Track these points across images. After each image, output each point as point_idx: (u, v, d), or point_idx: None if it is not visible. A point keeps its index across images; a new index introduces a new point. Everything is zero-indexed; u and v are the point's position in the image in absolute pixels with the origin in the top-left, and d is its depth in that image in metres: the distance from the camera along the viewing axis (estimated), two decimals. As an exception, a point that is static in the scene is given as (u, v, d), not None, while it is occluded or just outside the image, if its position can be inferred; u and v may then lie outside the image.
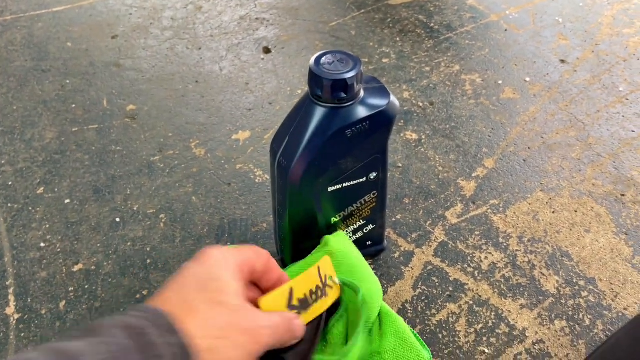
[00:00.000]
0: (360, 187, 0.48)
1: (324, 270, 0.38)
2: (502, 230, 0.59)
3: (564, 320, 0.51)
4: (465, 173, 0.65)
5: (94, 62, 0.82)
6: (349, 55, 0.42)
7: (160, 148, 0.69)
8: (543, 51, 0.83)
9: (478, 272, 0.55)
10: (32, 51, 0.85)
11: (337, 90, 0.40)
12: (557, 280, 0.54)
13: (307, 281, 0.37)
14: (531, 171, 0.65)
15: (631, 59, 0.81)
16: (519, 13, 0.92)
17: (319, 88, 0.40)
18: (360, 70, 0.41)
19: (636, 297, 0.52)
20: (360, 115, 0.42)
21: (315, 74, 0.40)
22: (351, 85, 0.40)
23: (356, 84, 0.40)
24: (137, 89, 0.78)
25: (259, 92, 0.77)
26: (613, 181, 0.64)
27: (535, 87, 0.77)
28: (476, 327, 0.50)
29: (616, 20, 0.90)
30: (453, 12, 0.92)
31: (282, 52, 0.84)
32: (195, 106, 0.75)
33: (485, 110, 0.73)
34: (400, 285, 0.54)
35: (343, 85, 0.40)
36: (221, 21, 0.91)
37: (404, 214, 0.60)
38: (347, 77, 0.40)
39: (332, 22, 0.90)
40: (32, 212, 0.61)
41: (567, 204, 0.61)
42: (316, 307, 0.37)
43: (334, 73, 0.40)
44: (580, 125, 0.71)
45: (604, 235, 0.58)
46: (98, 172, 0.65)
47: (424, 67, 0.81)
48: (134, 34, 0.88)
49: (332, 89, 0.40)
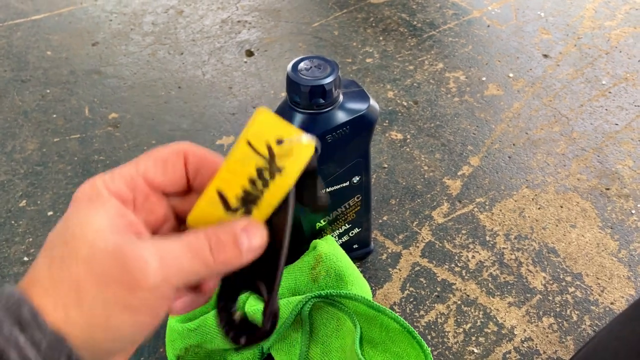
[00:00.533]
0: (344, 191, 0.47)
1: (262, 136, 0.24)
2: (489, 228, 0.59)
3: (552, 316, 0.51)
4: (451, 172, 0.65)
5: (75, 70, 0.81)
6: (327, 60, 0.41)
7: (143, 156, 0.68)
8: (526, 46, 0.83)
9: (465, 271, 0.55)
10: (11, 61, 0.83)
11: (315, 97, 0.40)
12: (544, 276, 0.54)
13: (237, 169, 0.24)
14: (516, 168, 0.65)
15: (613, 52, 0.82)
16: (501, 8, 0.92)
17: (296, 95, 0.40)
18: (338, 76, 0.40)
19: (622, 291, 0.53)
20: (340, 120, 0.42)
21: (292, 81, 0.40)
22: (329, 90, 0.40)
23: (334, 89, 0.40)
24: (119, 97, 0.77)
25: (243, 96, 0.77)
26: (597, 175, 0.64)
27: (518, 83, 0.77)
28: (465, 327, 0.50)
29: (597, 12, 0.90)
30: (436, 10, 0.92)
31: (265, 54, 0.84)
32: (178, 112, 0.74)
33: (470, 108, 0.73)
34: (388, 287, 0.54)
35: (321, 92, 0.39)
36: (203, 25, 0.90)
37: (391, 215, 0.60)
38: (325, 82, 0.39)
39: (314, 23, 0.90)
40: (14, 226, 0.60)
41: (553, 200, 0.61)
42: (270, 195, 0.24)
43: (311, 79, 0.40)
44: (564, 120, 0.71)
45: (590, 229, 0.58)
46: (81, 183, 0.64)
47: (407, 65, 0.81)
48: (115, 40, 0.87)
49: (310, 95, 0.39)
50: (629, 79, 0.77)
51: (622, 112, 0.72)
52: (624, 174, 0.64)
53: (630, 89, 0.75)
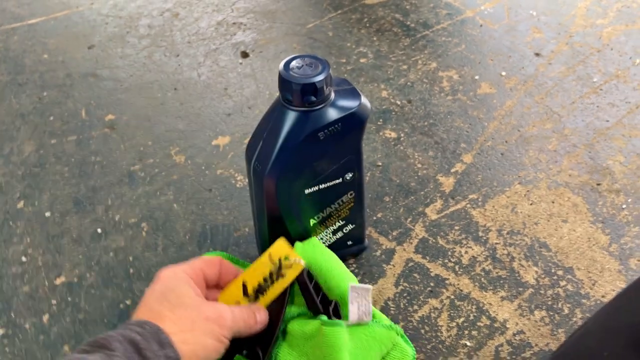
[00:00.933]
0: (337, 188, 0.48)
1: (277, 254, 0.42)
2: (482, 224, 0.59)
3: (544, 310, 0.52)
4: (444, 169, 0.66)
5: (71, 73, 0.82)
6: (318, 58, 0.42)
7: (140, 157, 0.69)
8: (518, 45, 0.84)
9: (458, 266, 0.55)
10: (8, 65, 0.84)
11: (306, 94, 0.40)
12: (536, 270, 0.55)
13: (258, 270, 0.42)
14: (509, 164, 0.66)
15: (605, 49, 0.83)
16: (494, 8, 0.93)
17: (288, 92, 0.41)
18: (329, 73, 0.41)
19: (613, 285, 0.53)
20: (331, 117, 0.42)
21: (284, 79, 0.40)
22: (320, 88, 0.40)
23: (325, 87, 0.41)
24: (115, 99, 0.77)
25: (238, 97, 0.77)
26: (589, 171, 0.65)
27: (511, 81, 0.78)
28: (458, 321, 0.51)
29: (589, 11, 0.91)
30: (429, 10, 0.93)
31: (260, 55, 0.84)
32: (174, 113, 0.75)
33: (463, 106, 0.74)
34: (382, 282, 0.54)
35: (312, 89, 0.40)
36: (198, 27, 0.91)
37: (385, 212, 0.61)
38: (316, 80, 0.40)
39: (309, 24, 0.91)
40: (12, 227, 0.61)
41: (545, 196, 0.62)
42: (273, 289, 0.41)
43: (303, 77, 0.40)
44: (556, 117, 0.72)
45: (581, 224, 0.59)
46: (78, 184, 0.65)
47: (401, 65, 0.82)
48: (111, 43, 0.88)
49: (302, 93, 0.40)
50: (620, 76, 0.78)
51: (613, 109, 0.72)
52: (615, 169, 0.65)
53: (621, 86, 0.76)
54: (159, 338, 0.33)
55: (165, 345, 0.32)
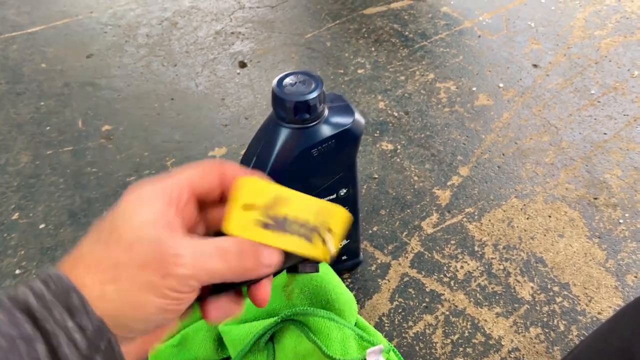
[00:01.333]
0: (331, 204, 0.48)
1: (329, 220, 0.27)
2: (478, 239, 0.59)
3: (539, 327, 0.51)
4: (441, 182, 0.65)
5: (69, 82, 0.82)
6: (311, 75, 0.42)
7: (136, 168, 0.68)
8: (516, 56, 0.84)
9: (454, 281, 0.55)
10: (6, 74, 0.84)
11: (300, 112, 0.40)
12: (532, 286, 0.55)
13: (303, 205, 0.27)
14: (505, 177, 0.66)
15: (602, 61, 0.82)
16: (492, 19, 0.93)
17: (282, 110, 0.41)
18: (322, 91, 0.41)
19: (610, 301, 0.53)
20: (325, 134, 0.42)
21: (277, 96, 0.40)
22: (314, 106, 0.40)
23: (319, 104, 0.41)
24: (112, 109, 0.77)
25: (235, 107, 0.77)
26: (586, 185, 0.64)
27: (508, 93, 0.78)
28: (452, 338, 0.51)
29: (588, 22, 0.91)
30: (427, 20, 0.93)
31: (258, 65, 0.84)
32: (171, 124, 0.75)
33: (460, 118, 0.74)
34: (377, 298, 0.54)
35: (306, 107, 0.40)
36: (196, 37, 0.91)
37: (381, 226, 0.61)
38: (309, 98, 0.40)
39: (307, 34, 0.91)
40: (6, 239, 0.61)
41: (541, 210, 0.62)
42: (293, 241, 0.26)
43: (296, 94, 0.40)
44: (553, 130, 0.72)
45: (577, 239, 0.59)
46: (73, 195, 0.65)
47: (399, 76, 0.81)
48: (109, 52, 0.88)
49: (295, 110, 0.40)
50: (618, 88, 0.77)
51: (611, 122, 0.72)
52: (612, 183, 0.64)
53: (620, 98, 0.76)
54: (68, 300, 0.22)
55: (77, 310, 0.22)
